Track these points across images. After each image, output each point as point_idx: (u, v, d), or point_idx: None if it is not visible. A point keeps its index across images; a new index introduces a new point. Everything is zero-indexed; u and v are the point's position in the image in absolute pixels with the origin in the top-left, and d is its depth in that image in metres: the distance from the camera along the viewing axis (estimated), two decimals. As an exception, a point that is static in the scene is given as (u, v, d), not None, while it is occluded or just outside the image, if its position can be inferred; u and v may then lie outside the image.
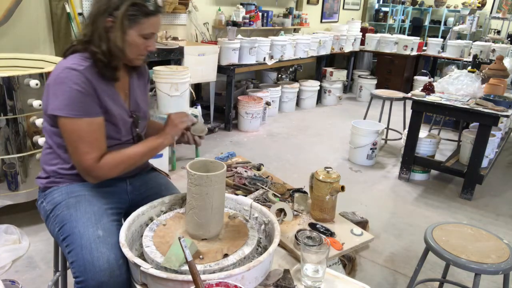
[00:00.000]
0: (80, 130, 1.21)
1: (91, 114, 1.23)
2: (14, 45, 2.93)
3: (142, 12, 1.24)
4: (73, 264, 1.15)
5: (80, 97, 1.20)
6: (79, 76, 1.20)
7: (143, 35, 1.28)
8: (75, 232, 1.19)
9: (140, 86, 1.47)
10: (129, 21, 1.24)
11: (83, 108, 1.21)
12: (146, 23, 1.26)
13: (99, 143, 1.25)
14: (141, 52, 1.32)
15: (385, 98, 4.24)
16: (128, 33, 1.25)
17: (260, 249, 1.24)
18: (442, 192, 3.31)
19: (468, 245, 1.58)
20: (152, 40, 1.33)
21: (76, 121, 1.21)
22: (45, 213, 1.32)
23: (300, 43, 5.23)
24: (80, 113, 1.21)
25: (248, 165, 1.97)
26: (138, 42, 1.28)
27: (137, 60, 1.35)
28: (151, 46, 1.33)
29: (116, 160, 1.26)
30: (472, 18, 7.66)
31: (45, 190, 1.35)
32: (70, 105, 1.20)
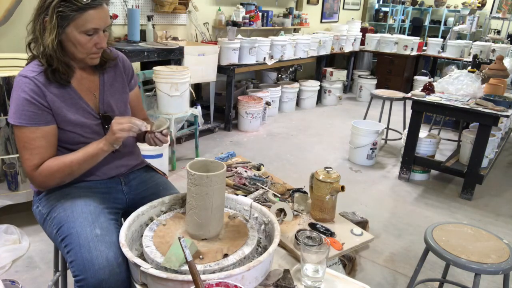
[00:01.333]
0: (23, 137, 1.21)
1: (36, 123, 1.21)
2: (14, 45, 2.93)
3: (73, 8, 1.16)
4: (72, 264, 1.15)
5: (26, 105, 1.19)
6: (28, 84, 1.19)
7: (84, 32, 1.19)
8: (72, 233, 1.18)
9: (116, 85, 1.41)
10: (62, 19, 1.17)
11: (28, 116, 1.20)
12: (81, 18, 1.17)
13: (40, 151, 1.22)
14: (89, 50, 1.24)
15: (385, 98, 4.24)
16: (66, 31, 1.19)
17: (260, 249, 1.24)
18: (442, 192, 3.31)
19: (468, 245, 1.58)
20: (100, 36, 1.23)
21: (21, 128, 1.21)
22: (41, 216, 1.32)
23: (300, 43, 5.23)
24: (25, 121, 1.20)
25: (248, 165, 1.97)
26: (81, 40, 1.20)
27: (90, 59, 1.27)
28: (100, 43, 1.24)
29: (52, 168, 1.23)
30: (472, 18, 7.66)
31: (40, 194, 1.35)
32: (17, 113, 1.20)
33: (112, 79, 1.40)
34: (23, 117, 1.20)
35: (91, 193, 1.32)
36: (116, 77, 1.42)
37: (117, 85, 1.41)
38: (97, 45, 1.24)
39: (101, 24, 1.22)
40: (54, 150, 1.27)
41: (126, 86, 1.46)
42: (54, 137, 1.26)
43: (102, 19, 1.21)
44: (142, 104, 1.61)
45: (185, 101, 3.36)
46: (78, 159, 1.24)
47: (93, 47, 1.24)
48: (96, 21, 1.20)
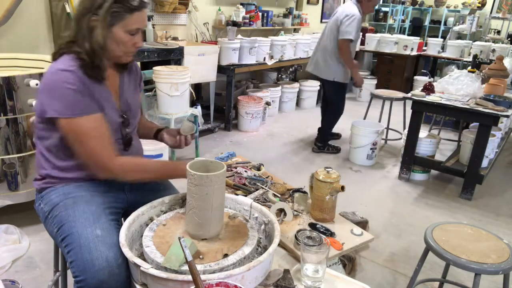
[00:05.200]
0: (88, 129, 1.22)
1: (90, 112, 1.24)
2: (14, 45, 2.93)
3: (126, 8, 1.24)
4: (73, 264, 1.15)
5: (76, 95, 1.21)
6: (71, 76, 1.21)
7: (129, 31, 1.27)
8: (73, 232, 1.19)
9: (131, 86, 1.46)
10: (112, 18, 1.24)
11: (81, 107, 1.22)
12: (130, 19, 1.26)
13: (109, 139, 1.27)
14: (128, 49, 1.31)
15: (385, 98, 4.24)
16: (112, 30, 1.25)
17: (260, 249, 1.24)
18: (442, 192, 3.31)
19: (468, 245, 1.58)
20: (139, 36, 1.32)
21: (81, 120, 1.21)
22: (43, 214, 1.32)
23: (300, 43, 5.23)
24: (80, 112, 1.21)
25: (248, 165, 1.97)
26: (124, 38, 1.27)
27: (126, 57, 1.34)
28: (138, 43, 1.32)
29: (134, 163, 1.31)
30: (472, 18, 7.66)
31: (42, 192, 1.35)
32: (69, 106, 1.20)
33: (128, 80, 1.45)
34: (78, 109, 1.21)
35: (93, 192, 1.32)
36: (130, 79, 1.47)
37: (131, 86, 1.47)
38: (136, 44, 1.31)
39: (143, 26, 1.31)
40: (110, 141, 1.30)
41: (138, 87, 1.53)
42: (105, 123, 1.29)
43: (144, 21, 1.31)
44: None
45: (185, 101, 3.36)
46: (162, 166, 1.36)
47: (132, 46, 1.31)
48: (140, 22, 1.29)
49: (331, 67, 3.72)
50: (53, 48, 3.22)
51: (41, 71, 2.26)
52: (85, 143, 1.23)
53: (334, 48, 3.67)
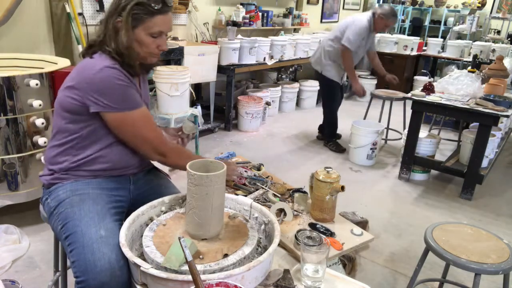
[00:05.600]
0: (137, 121, 1.31)
1: (140, 105, 1.33)
2: (14, 45, 2.93)
3: (147, 11, 1.27)
4: (74, 264, 1.15)
5: (129, 90, 1.29)
6: (119, 72, 1.28)
7: (151, 34, 1.30)
8: (77, 231, 1.19)
9: (146, 87, 1.53)
10: (134, 20, 1.28)
11: (133, 100, 1.30)
12: (151, 21, 1.29)
13: (156, 126, 1.39)
14: (152, 51, 1.34)
15: (385, 98, 4.24)
16: (135, 32, 1.29)
17: (260, 249, 1.23)
18: (442, 192, 3.31)
19: (468, 245, 1.58)
20: (163, 39, 1.35)
21: (131, 114, 1.30)
22: (49, 209, 1.32)
23: (300, 43, 5.23)
24: (132, 105, 1.30)
25: (248, 165, 1.97)
26: (146, 41, 1.31)
27: (151, 59, 1.38)
28: (162, 45, 1.35)
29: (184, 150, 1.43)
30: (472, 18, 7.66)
31: (50, 187, 1.36)
32: (125, 100, 1.28)
33: (144, 80, 1.52)
34: (131, 101, 1.29)
35: (99, 190, 1.33)
36: (145, 79, 1.53)
37: (146, 85, 1.54)
38: (159, 47, 1.34)
39: (166, 29, 1.33)
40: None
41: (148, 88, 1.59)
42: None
43: (167, 24, 1.33)
44: None
45: (185, 101, 3.36)
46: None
47: (155, 49, 1.34)
48: (162, 25, 1.31)
49: (322, 61, 3.91)
50: (53, 48, 3.22)
51: (41, 71, 2.26)
52: (139, 133, 1.33)
53: (330, 47, 3.82)
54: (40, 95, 2.23)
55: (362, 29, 3.64)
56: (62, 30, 3.20)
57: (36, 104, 2.19)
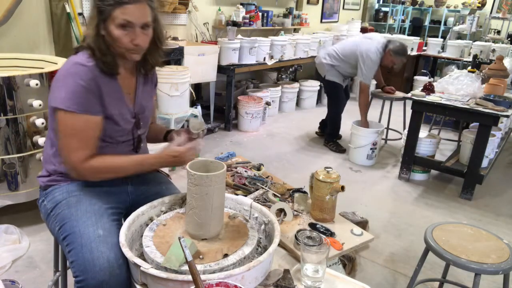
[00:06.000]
0: (74, 126, 1.22)
1: (90, 112, 1.23)
2: (14, 45, 2.93)
3: (110, 2, 1.20)
4: (73, 264, 1.15)
5: (83, 92, 1.21)
6: (86, 72, 1.22)
7: (119, 25, 1.21)
8: (75, 231, 1.19)
9: (147, 90, 1.45)
10: (101, 14, 1.21)
11: (84, 104, 1.21)
12: (117, 12, 1.20)
13: (91, 143, 1.25)
14: (126, 45, 1.24)
15: (385, 98, 4.24)
16: (106, 26, 1.23)
17: (260, 249, 1.24)
18: (442, 192, 3.31)
19: (468, 245, 1.58)
20: (136, 32, 1.24)
21: (75, 116, 1.21)
22: (46, 211, 1.32)
23: (300, 43, 5.22)
24: (80, 109, 1.21)
25: (248, 165, 1.97)
26: (116, 34, 1.22)
27: (130, 55, 1.28)
28: (135, 39, 1.24)
29: (104, 166, 1.27)
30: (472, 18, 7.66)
31: (46, 189, 1.35)
32: (73, 99, 1.20)
33: (145, 82, 1.44)
34: (78, 104, 1.20)
35: (96, 191, 1.32)
36: (147, 81, 1.46)
37: (148, 89, 1.46)
38: (133, 41, 1.24)
39: (135, 19, 1.23)
40: (97, 143, 1.29)
41: (153, 90, 1.53)
42: (100, 129, 1.28)
43: (137, 14, 1.23)
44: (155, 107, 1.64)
45: (185, 101, 3.36)
46: (130, 167, 1.31)
47: (130, 43, 1.24)
48: (129, 15, 1.21)
49: (324, 66, 3.95)
50: (53, 48, 3.22)
51: (41, 71, 2.26)
52: (69, 140, 1.23)
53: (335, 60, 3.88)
54: (40, 95, 2.23)
55: (375, 64, 3.70)
56: (62, 30, 3.20)
57: (36, 104, 2.19)
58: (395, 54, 3.62)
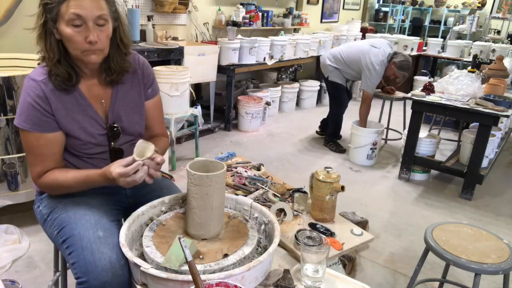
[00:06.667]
0: (28, 143, 1.21)
1: (41, 130, 1.18)
2: (14, 45, 2.93)
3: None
4: (74, 266, 1.13)
5: (30, 110, 1.17)
6: (34, 88, 1.16)
7: (68, 22, 1.09)
8: (75, 234, 1.17)
9: (130, 94, 1.32)
10: (50, 12, 1.10)
11: (33, 122, 1.17)
12: (64, 6, 1.08)
13: (43, 159, 1.21)
14: (80, 45, 1.12)
15: (385, 98, 4.24)
16: (57, 26, 1.12)
17: (260, 249, 1.23)
18: (442, 192, 3.31)
19: (468, 245, 1.58)
20: (88, 28, 1.11)
21: (26, 133, 1.19)
22: (42, 217, 1.31)
23: (300, 43, 5.22)
24: (29, 126, 1.17)
25: (248, 165, 1.97)
26: (68, 32, 1.10)
27: (86, 57, 1.15)
28: (89, 36, 1.11)
29: (53, 183, 1.22)
30: (472, 18, 7.66)
31: (42, 194, 1.34)
32: (22, 116, 1.18)
33: (127, 88, 1.32)
34: (27, 122, 1.17)
35: (93, 194, 1.30)
36: (133, 86, 1.33)
37: (132, 94, 1.33)
38: (87, 38, 1.11)
39: (87, 12, 1.09)
40: (58, 157, 1.24)
41: (143, 95, 1.36)
42: (59, 144, 1.23)
43: (87, 6, 1.09)
44: (162, 115, 1.49)
45: (185, 101, 3.36)
46: (75, 184, 1.22)
47: (84, 42, 1.12)
48: (79, 7, 1.08)
49: (327, 67, 3.95)
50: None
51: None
52: (27, 155, 1.25)
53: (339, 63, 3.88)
54: (40, 95, 2.23)
55: (379, 75, 3.69)
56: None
57: (36, 104, 2.19)
58: (399, 68, 3.60)
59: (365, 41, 3.99)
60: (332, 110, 4.13)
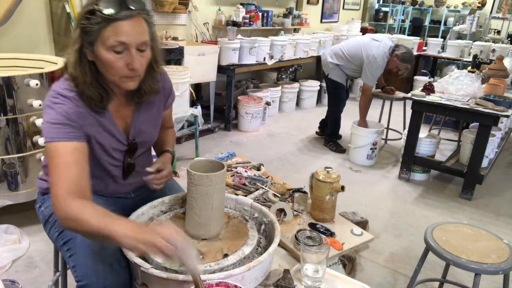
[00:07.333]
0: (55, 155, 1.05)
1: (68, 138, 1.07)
2: (14, 45, 2.93)
3: (98, 21, 1.01)
4: (75, 269, 1.12)
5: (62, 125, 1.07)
6: (66, 102, 1.08)
7: (110, 48, 1.03)
8: (76, 237, 1.16)
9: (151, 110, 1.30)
10: (88, 35, 1.03)
11: (63, 132, 1.07)
12: (107, 31, 1.02)
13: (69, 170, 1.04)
14: (120, 71, 1.07)
15: (385, 98, 4.24)
16: (94, 49, 1.05)
17: (260, 249, 1.23)
18: (442, 192, 3.31)
19: (468, 245, 1.58)
20: (131, 55, 1.05)
21: (54, 145, 1.06)
22: (44, 217, 1.30)
23: (300, 43, 5.23)
24: (58, 136, 1.06)
25: (248, 165, 1.97)
26: (108, 58, 1.04)
27: (124, 83, 1.10)
28: (131, 63, 1.05)
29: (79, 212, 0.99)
30: (472, 18, 7.66)
31: (45, 194, 1.34)
32: (52, 130, 1.07)
33: (149, 105, 1.28)
34: (58, 133, 1.06)
35: (96, 197, 1.28)
36: (154, 101, 1.29)
37: (153, 109, 1.30)
38: (129, 65, 1.06)
39: (131, 39, 1.03)
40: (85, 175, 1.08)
41: (162, 108, 1.35)
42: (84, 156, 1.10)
43: (131, 32, 1.03)
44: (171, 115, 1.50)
45: (185, 101, 3.36)
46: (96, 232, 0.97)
47: (125, 68, 1.06)
48: (122, 34, 1.02)
49: (328, 65, 3.95)
50: (53, 48, 3.22)
51: (41, 71, 2.26)
52: (53, 171, 1.04)
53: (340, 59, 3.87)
54: (40, 95, 2.23)
55: (380, 68, 3.69)
56: (62, 30, 3.20)
57: (36, 104, 2.19)
58: (401, 61, 3.59)
59: (366, 35, 4.00)
60: (330, 109, 4.13)
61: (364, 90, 3.84)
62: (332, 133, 4.14)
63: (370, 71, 3.68)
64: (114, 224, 0.96)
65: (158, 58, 1.19)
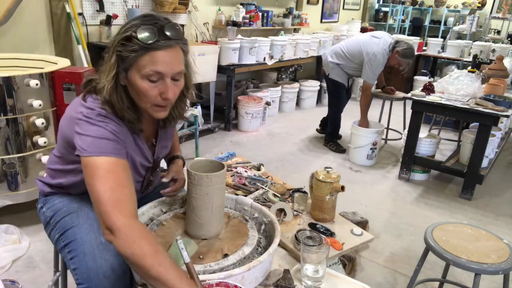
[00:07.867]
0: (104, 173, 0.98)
1: (117, 155, 1.03)
2: (14, 45, 2.93)
3: (135, 48, 0.99)
4: (76, 271, 1.12)
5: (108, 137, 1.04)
6: (109, 122, 1.06)
7: (145, 76, 1.02)
8: (77, 239, 1.16)
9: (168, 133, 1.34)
10: (124, 61, 1.02)
11: (111, 147, 1.02)
12: (143, 60, 1.00)
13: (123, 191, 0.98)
14: (153, 100, 1.05)
15: (385, 98, 4.24)
16: (128, 76, 1.04)
17: (260, 249, 1.23)
18: (442, 192, 3.31)
19: (468, 245, 1.58)
20: (166, 84, 1.03)
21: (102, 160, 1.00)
22: (45, 219, 1.30)
23: (300, 43, 5.23)
24: (108, 152, 1.01)
25: (248, 165, 1.97)
26: (142, 86, 1.02)
27: (155, 112, 1.09)
28: (165, 92, 1.03)
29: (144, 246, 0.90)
30: (472, 18, 7.66)
31: (46, 195, 1.33)
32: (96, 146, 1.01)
33: (166, 137, 1.34)
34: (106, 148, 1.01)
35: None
36: (168, 132, 1.34)
37: (169, 133, 1.35)
38: (163, 94, 1.04)
39: (167, 69, 1.02)
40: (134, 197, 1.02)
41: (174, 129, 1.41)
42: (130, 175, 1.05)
43: (168, 62, 1.01)
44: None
45: (185, 101, 3.35)
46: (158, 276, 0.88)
47: (158, 97, 1.05)
48: (159, 64, 1.00)
49: (328, 65, 3.95)
50: (53, 48, 3.22)
51: (41, 71, 2.26)
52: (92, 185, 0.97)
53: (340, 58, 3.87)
54: (40, 95, 2.23)
55: (381, 65, 3.69)
56: (62, 30, 3.20)
57: (36, 104, 2.19)
58: (403, 56, 3.58)
59: (366, 33, 3.99)
60: (331, 109, 4.13)
61: (364, 88, 3.83)
62: (332, 133, 4.14)
63: (371, 68, 3.67)
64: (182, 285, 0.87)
65: (189, 85, 1.18)
